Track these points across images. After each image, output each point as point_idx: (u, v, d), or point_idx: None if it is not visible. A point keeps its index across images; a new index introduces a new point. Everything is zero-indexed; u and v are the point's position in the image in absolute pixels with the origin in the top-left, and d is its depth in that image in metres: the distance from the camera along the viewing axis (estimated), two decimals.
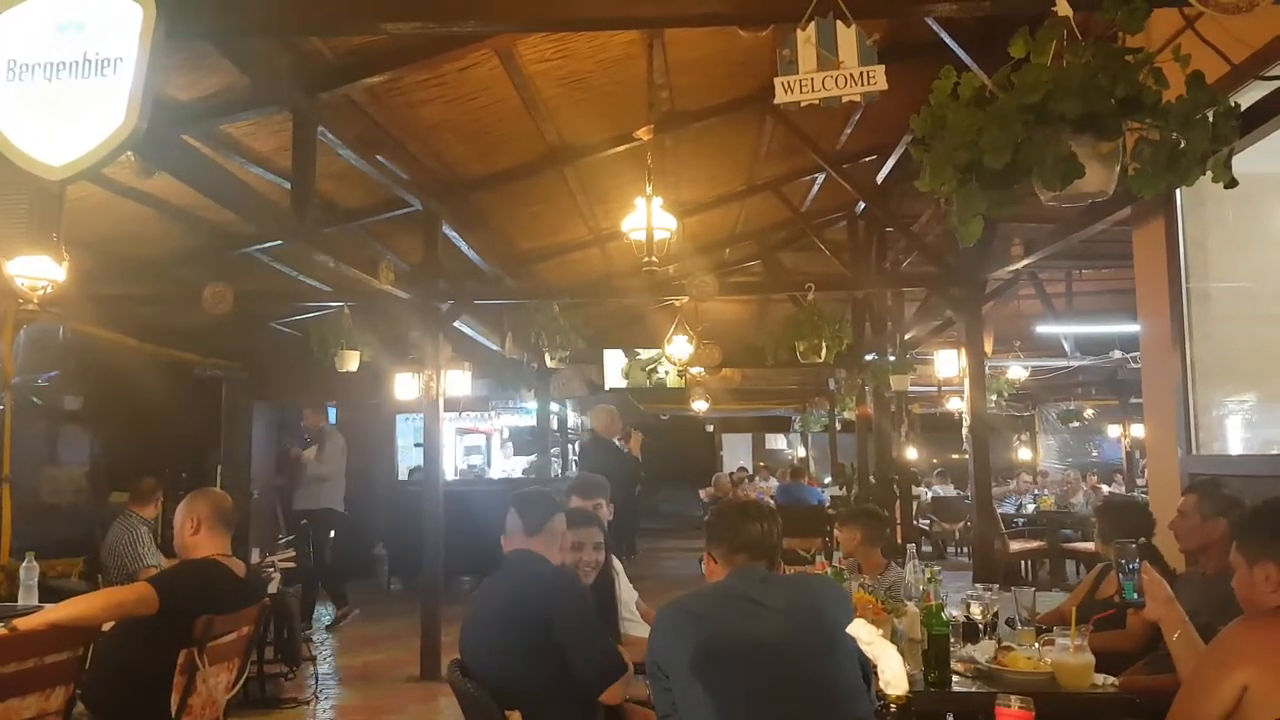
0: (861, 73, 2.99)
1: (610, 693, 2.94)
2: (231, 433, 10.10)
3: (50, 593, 4.44)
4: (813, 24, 3.01)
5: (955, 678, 2.97)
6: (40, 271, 4.21)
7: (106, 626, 3.20)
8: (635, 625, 3.96)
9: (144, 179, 5.23)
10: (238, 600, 3.42)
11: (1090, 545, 7.78)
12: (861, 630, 1.61)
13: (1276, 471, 4.08)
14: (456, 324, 7.89)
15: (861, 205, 10.16)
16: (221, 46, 4.47)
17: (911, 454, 13.82)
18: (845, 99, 3.02)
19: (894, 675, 1.46)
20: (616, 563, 4.11)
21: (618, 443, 8.30)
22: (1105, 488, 14.29)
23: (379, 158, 6.23)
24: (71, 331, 7.52)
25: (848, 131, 8.13)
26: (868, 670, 2.30)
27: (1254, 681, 2.06)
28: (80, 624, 3.05)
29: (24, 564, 4.34)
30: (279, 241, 6.41)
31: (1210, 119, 2.31)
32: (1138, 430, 16.06)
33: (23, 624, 2.96)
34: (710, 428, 24.87)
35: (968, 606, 3.39)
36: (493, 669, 2.93)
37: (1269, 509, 2.37)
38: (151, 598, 3.11)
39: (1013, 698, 1.49)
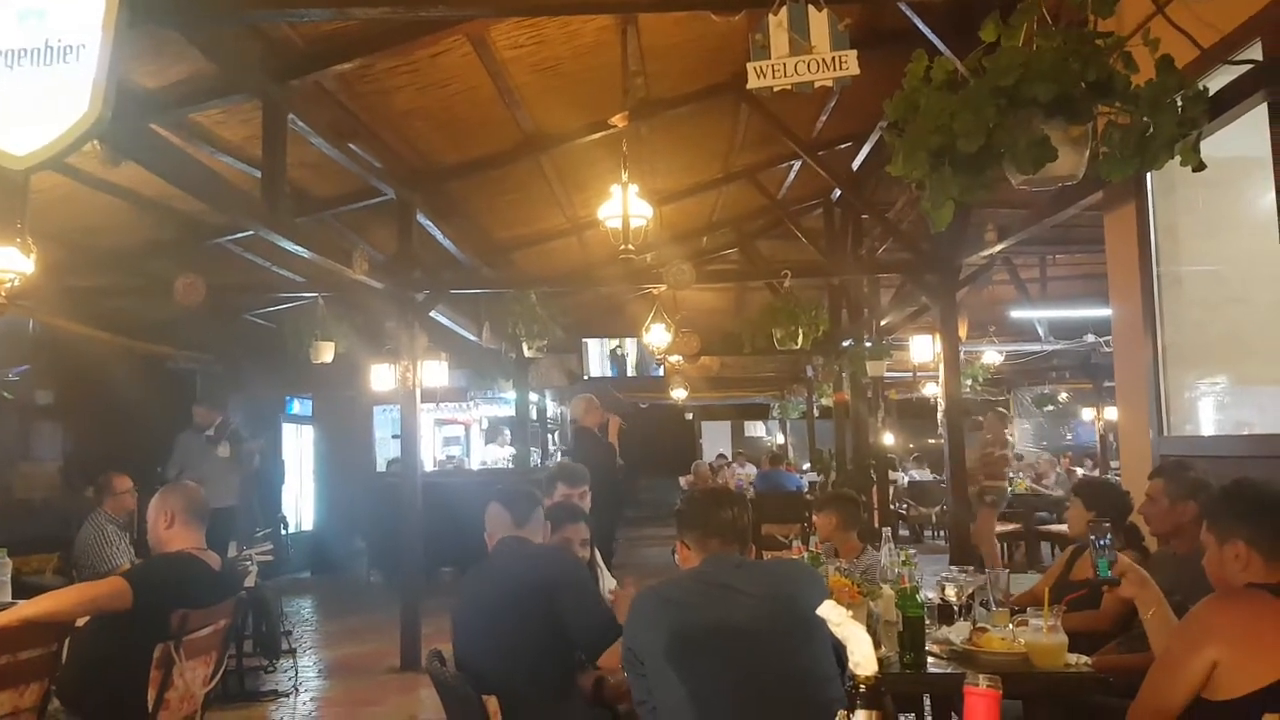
0: (834, 57, 3.00)
1: (609, 655, 2.99)
2: None
3: (24, 589, 4.39)
4: (784, 8, 3.01)
5: (931, 659, 3.00)
6: (7, 264, 4.13)
7: (81, 622, 3.17)
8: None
9: (111, 168, 5.16)
10: (213, 593, 3.40)
11: (1065, 527, 7.84)
12: (831, 612, 1.61)
13: (1248, 452, 4.12)
14: (433, 314, 7.84)
15: (837, 192, 10.18)
16: (188, 33, 4.40)
17: (888, 439, 13.90)
18: (818, 84, 3.02)
19: (864, 656, 1.46)
20: (598, 555, 4.14)
21: (597, 431, 8.22)
22: (1079, 470, 14.43)
23: (351, 146, 6.16)
24: (42, 325, 7.42)
25: (823, 119, 8.12)
26: (842, 654, 2.31)
27: (1224, 658, 2.08)
28: (54, 619, 3.03)
29: None
30: (251, 232, 6.34)
31: (1179, 103, 2.33)
32: (1111, 413, 16.22)
33: None
34: (689, 415, 24.90)
35: (943, 589, 3.42)
36: (488, 647, 2.98)
37: (1238, 489, 2.40)
38: (126, 592, 3.08)
39: (981, 676, 1.49)
